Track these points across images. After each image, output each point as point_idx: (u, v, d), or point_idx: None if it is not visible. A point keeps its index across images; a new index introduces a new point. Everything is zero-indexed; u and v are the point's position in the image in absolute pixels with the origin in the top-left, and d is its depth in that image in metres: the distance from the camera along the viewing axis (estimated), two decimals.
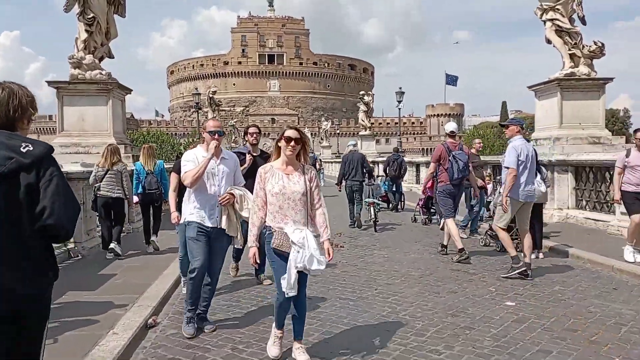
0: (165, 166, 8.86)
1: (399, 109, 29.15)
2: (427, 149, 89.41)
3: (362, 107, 34.72)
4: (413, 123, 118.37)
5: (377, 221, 10.84)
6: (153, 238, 8.26)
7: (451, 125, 8.26)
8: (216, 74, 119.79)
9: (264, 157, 5.93)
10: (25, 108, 2.17)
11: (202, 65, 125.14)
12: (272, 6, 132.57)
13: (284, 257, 3.64)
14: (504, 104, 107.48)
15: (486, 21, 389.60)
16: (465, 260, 7.22)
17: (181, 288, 5.70)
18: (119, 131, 11.65)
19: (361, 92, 35.81)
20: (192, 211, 4.51)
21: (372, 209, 10.88)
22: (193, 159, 4.49)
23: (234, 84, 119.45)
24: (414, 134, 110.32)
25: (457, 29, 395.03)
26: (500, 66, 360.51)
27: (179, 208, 5.10)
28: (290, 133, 3.71)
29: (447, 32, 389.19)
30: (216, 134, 4.42)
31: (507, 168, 6.42)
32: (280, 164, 3.79)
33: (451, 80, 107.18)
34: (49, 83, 11.22)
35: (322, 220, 3.81)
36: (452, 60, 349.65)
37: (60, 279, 2.29)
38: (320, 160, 34.17)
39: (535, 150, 6.84)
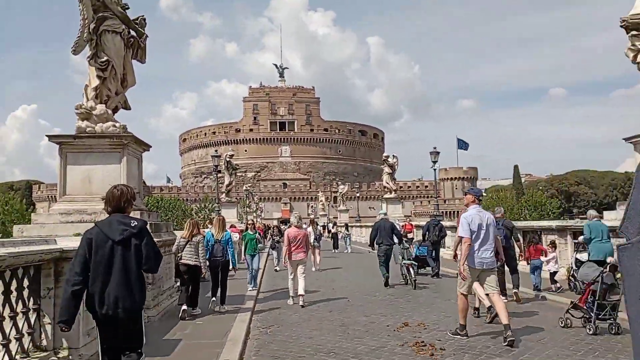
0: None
1: (435, 169, 26.93)
2: (443, 212, 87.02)
3: (387, 170, 32.79)
4: (426, 187, 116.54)
5: (416, 280, 12.04)
6: (218, 307, 9.14)
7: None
8: (228, 141, 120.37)
9: None
10: (130, 200, 4.19)
11: (214, 132, 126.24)
12: (283, 77, 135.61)
13: None
14: (515, 167, 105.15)
15: (488, 90, 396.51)
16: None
17: None
18: None
19: (385, 155, 34.07)
20: None
21: (410, 269, 12.19)
22: None
23: (246, 150, 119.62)
24: (427, 197, 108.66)
25: (461, 98, 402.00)
26: (507, 132, 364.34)
27: None
28: None
29: (450, 102, 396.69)
30: None
31: (461, 237, 6.90)
32: None
33: (462, 144, 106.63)
34: (50, 137, 9.08)
35: None
36: (459, 127, 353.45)
37: None
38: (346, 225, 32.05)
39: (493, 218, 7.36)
